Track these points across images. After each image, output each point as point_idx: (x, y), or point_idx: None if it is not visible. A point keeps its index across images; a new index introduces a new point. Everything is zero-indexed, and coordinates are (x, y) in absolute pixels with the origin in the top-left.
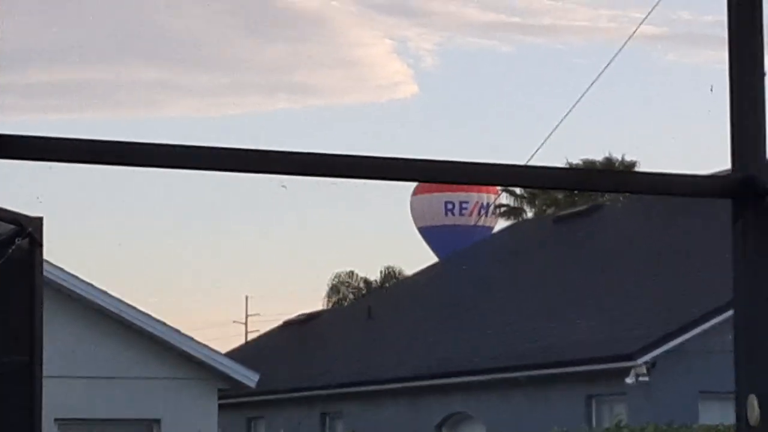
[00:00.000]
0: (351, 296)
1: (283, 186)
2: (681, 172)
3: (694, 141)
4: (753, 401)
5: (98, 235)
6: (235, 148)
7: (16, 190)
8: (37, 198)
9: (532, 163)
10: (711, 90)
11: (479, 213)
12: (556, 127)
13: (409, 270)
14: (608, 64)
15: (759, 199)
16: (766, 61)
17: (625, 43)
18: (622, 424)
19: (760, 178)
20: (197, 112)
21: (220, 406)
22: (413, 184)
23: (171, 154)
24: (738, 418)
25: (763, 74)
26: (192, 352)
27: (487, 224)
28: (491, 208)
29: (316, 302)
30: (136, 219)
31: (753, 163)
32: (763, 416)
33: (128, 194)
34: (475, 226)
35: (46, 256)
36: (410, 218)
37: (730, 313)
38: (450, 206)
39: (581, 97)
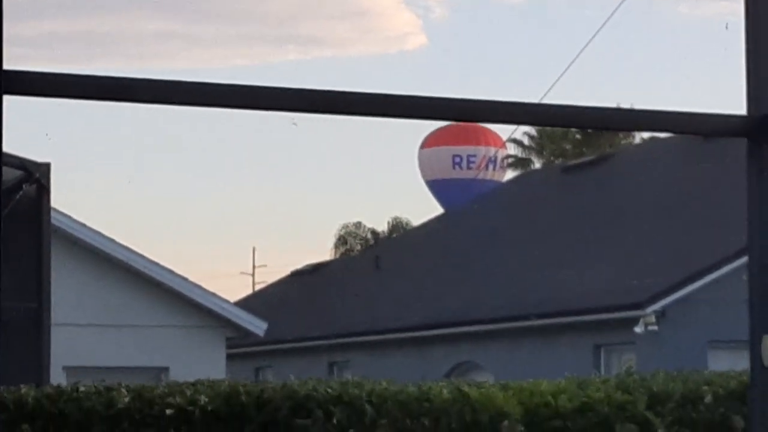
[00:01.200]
0: (358, 247)
1: (294, 123)
2: (697, 111)
3: (705, 93)
4: (767, 342)
5: (105, 182)
6: (244, 84)
7: (25, 135)
8: (46, 134)
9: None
10: (726, 27)
11: (487, 167)
12: (566, 70)
13: (417, 221)
14: (615, 11)
15: None
16: None
17: None
18: (632, 370)
19: None
20: (206, 64)
21: (228, 356)
22: (421, 137)
23: (180, 90)
24: (752, 359)
25: None
26: (200, 300)
27: (495, 178)
28: (499, 160)
29: (324, 253)
30: (143, 167)
31: None
32: None
33: (135, 142)
34: (483, 179)
35: (53, 203)
36: (417, 171)
37: (739, 262)
38: (458, 159)
39: (588, 42)
